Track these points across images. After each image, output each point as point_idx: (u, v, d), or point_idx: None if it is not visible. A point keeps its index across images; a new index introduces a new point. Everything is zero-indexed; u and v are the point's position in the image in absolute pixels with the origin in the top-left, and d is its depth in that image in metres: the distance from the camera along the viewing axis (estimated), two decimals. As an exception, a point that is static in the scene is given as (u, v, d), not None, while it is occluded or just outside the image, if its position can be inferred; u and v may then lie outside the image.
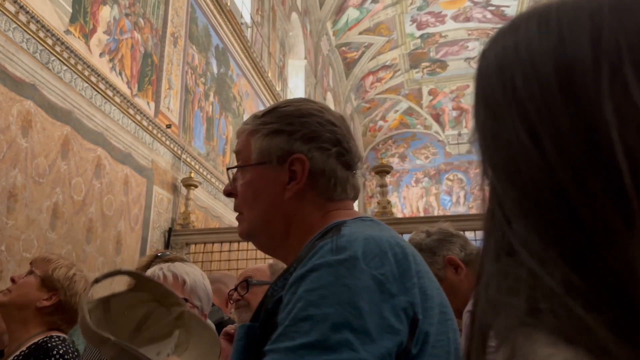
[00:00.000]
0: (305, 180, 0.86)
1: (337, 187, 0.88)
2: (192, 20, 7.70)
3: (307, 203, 0.87)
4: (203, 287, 1.57)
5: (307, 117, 0.88)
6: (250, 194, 0.90)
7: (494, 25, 17.46)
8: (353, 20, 16.10)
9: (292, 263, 0.78)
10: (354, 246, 0.71)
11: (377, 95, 20.87)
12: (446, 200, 21.53)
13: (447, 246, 1.74)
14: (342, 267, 0.68)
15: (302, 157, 0.86)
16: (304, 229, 0.86)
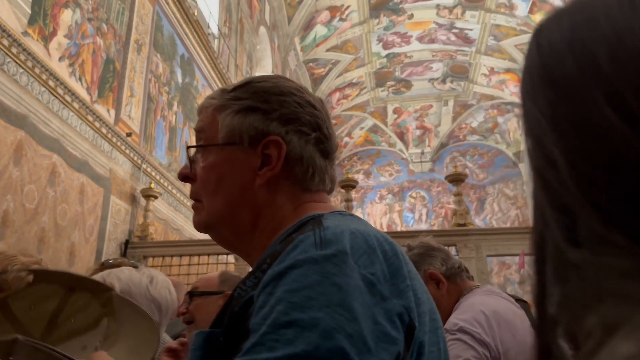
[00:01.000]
0: (280, 166, 0.75)
1: (314, 176, 0.78)
2: (157, 28, 7.58)
3: (280, 192, 0.76)
4: (145, 294, 1.39)
5: (286, 95, 0.78)
6: (213, 179, 0.77)
7: (457, 48, 17.99)
8: (321, 37, 16.28)
9: (265, 258, 0.66)
10: (342, 240, 0.61)
11: (343, 112, 21.07)
12: (409, 217, 21.79)
13: (429, 260, 1.69)
14: (329, 264, 0.58)
15: (278, 139, 0.75)
16: (275, 222, 0.76)
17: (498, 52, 17.51)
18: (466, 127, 21.87)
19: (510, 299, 1.64)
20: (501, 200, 21.43)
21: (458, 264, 1.69)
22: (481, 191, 21.56)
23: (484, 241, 4.60)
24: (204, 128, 0.80)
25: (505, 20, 15.91)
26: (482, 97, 20.38)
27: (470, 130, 21.96)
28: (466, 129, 21.94)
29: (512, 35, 16.51)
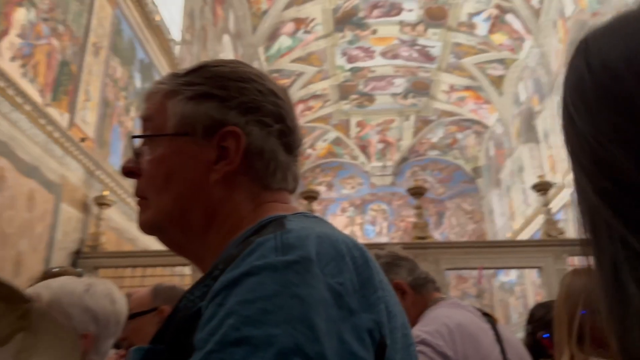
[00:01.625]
0: (238, 160, 0.68)
1: (276, 173, 0.70)
2: (116, 31, 7.39)
3: (237, 189, 0.68)
4: (78, 303, 1.28)
5: (246, 82, 0.70)
6: (162, 173, 0.69)
7: (419, 64, 18.39)
8: (285, 48, 16.30)
9: (217, 264, 0.58)
10: (306, 245, 0.54)
11: (307, 124, 21.11)
12: (370, 230, 21.94)
13: (395, 270, 1.64)
14: (290, 272, 0.51)
15: (237, 130, 0.68)
16: (231, 222, 0.67)
17: (458, 69, 18.00)
18: (427, 142, 22.31)
19: (476, 313, 1.63)
20: (459, 215, 21.90)
21: (425, 274, 1.67)
22: (440, 205, 21.97)
23: (443, 255, 4.64)
24: (152, 116, 0.72)
25: (466, 39, 16.40)
26: (443, 113, 20.86)
27: (430, 145, 22.41)
28: (427, 144, 22.38)
29: (472, 54, 17.02)
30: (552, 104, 14.30)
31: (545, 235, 4.76)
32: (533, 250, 4.75)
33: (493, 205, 20.51)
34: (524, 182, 17.01)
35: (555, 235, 4.66)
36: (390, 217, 22.02)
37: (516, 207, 17.78)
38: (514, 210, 18.02)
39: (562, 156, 13.77)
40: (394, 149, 22.52)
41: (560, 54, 13.59)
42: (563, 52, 13.37)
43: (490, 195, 20.81)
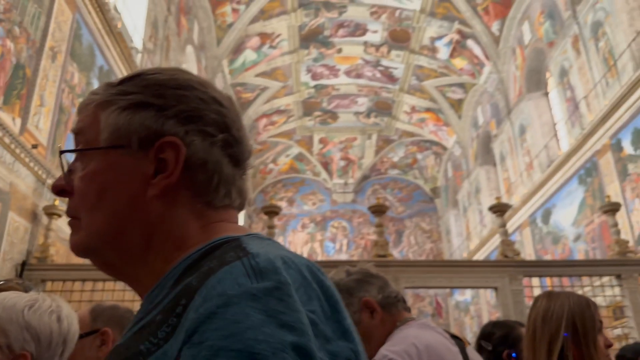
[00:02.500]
0: (178, 173, 0.62)
1: (220, 188, 0.64)
2: (76, 36, 7.17)
3: (178, 206, 0.62)
4: (18, 319, 1.18)
5: (186, 89, 0.65)
6: (94, 190, 0.63)
7: (382, 85, 18.74)
8: (250, 62, 16.28)
9: (178, 299, 0.54)
10: (279, 269, 0.51)
11: (270, 138, 21.05)
12: (330, 247, 21.95)
13: (365, 287, 1.60)
14: (272, 299, 0.48)
15: (176, 141, 0.62)
16: (173, 242, 0.62)
17: (420, 91, 18.45)
18: (388, 161, 22.65)
19: (445, 335, 1.61)
20: (417, 234, 22.24)
21: (395, 293, 1.64)
22: (399, 224, 22.26)
23: (402, 273, 4.66)
24: (84, 129, 0.66)
25: (428, 62, 16.85)
26: (404, 134, 21.27)
27: (391, 164, 22.76)
28: (387, 162, 22.72)
29: (433, 77, 17.50)
30: (508, 128, 14.84)
31: (501, 256, 4.86)
32: (489, 271, 4.84)
33: (450, 225, 20.96)
34: (480, 204, 17.48)
35: (512, 257, 4.77)
36: (351, 235, 22.12)
37: (472, 227, 18.24)
38: (470, 231, 18.47)
39: (518, 179, 14.26)
40: (356, 167, 22.74)
41: (518, 80, 14.17)
42: (520, 78, 13.95)
43: (447, 215, 21.27)
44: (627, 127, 9.23)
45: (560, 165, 11.52)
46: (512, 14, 13.49)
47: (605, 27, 9.84)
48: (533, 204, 13.18)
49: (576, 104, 11.06)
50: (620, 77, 9.35)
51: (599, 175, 10.22)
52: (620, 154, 9.49)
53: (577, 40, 10.86)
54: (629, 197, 9.20)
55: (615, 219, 5.25)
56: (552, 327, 1.51)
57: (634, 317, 4.63)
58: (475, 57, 15.51)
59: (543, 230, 12.83)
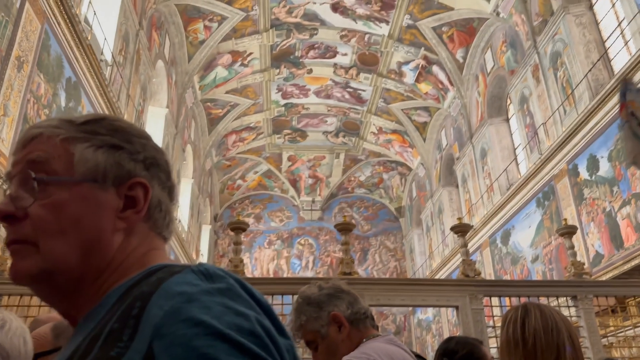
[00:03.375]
0: (146, 210, 0.70)
1: (170, 224, 0.75)
2: (43, 47, 7.07)
3: (135, 237, 0.70)
4: None
5: (146, 139, 0.74)
6: (62, 219, 0.66)
7: (350, 106, 19.05)
8: (221, 78, 16.30)
9: (114, 309, 0.59)
10: (226, 275, 0.58)
11: (239, 155, 20.98)
12: (296, 264, 21.87)
13: (335, 302, 1.64)
14: (226, 297, 0.55)
15: (145, 182, 0.70)
16: (124, 269, 0.67)
17: (387, 113, 18.85)
18: (355, 180, 22.90)
19: (410, 353, 1.67)
20: (382, 252, 22.45)
21: (364, 310, 1.68)
22: (365, 242, 22.43)
23: (367, 291, 4.73)
24: (49, 160, 0.68)
25: (395, 85, 17.27)
26: (371, 154, 21.60)
27: (358, 183, 23.01)
28: (355, 181, 22.97)
29: (399, 100, 17.92)
30: (470, 151, 15.30)
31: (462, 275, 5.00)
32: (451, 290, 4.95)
33: (414, 244, 21.26)
34: (443, 224, 17.85)
35: (472, 276, 4.91)
36: (317, 252, 22.13)
37: (435, 246, 18.56)
38: (432, 250, 18.79)
39: (479, 201, 14.66)
40: (324, 185, 22.88)
41: (480, 106, 14.68)
42: (482, 104, 14.46)
43: (411, 235, 21.58)
44: (583, 153, 9.67)
45: (520, 188, 11.92)
46: (476, 42, 14.05)
47: (564, 57, 10.37)
48: (493, 225, 13.55)
49: (535, 130, 11.53)
50: (577, 105, 9.83)
51: (556, 198, 10.63)
52: (576, 178, 9.92)
53: (537, 69, 11.38)
54: (585, 220, 9.60)
55: (571, 242, 5.48)
56: (556, 340, 1.53)
57: (589, 337, 4.81)
58: (440, 83, 16.01)
59: (503, 251, 13.19)
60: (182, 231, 14.82)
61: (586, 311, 4.89)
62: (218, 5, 13.62)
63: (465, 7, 13.28)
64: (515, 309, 1.66)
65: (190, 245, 16.49)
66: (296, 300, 1.67)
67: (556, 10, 10.49)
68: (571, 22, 10.16)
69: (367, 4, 14.34)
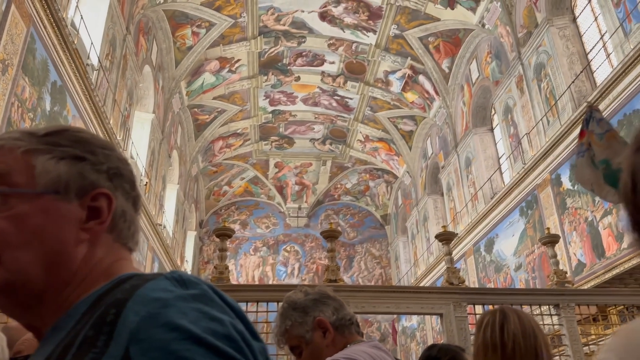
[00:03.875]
0: (109, 221, 0.70)
1: (135, 234, 0.74)
2: (29, 50, 7.00)
3: (100, 247, 0.69)
4: None
5: (109, 149, 0.73)
6: (24, 231, 0.65)
7: (337, 113, 19.14)
8: (208, 84, 16.27)
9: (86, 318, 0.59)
10: (200, 281, 0.59)
11: (225, 161, 20.91)
12: (281, 271, 21.79)
13: (320, 307, 1.65)
14: (200, 302, 0.56)
15: (108, 192, 0.70)
16: (90, 280, 0.67)
17: (373, 122, 18.97)
18: (341, 187, 22.95)
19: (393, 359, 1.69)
20: (367, 259, 22.49)
21: (350, 316, 1.69)
22: (350, 249, 22.45)
23: (352, 298, 4.74)
24: (9, 172, 0.68)
25: (381, 94, 17.41)
26: (357, 161, 21.69)
27: (344, 190, 23.07)
28: (341, 189, 23.02)
29: (386, 109, 18.06)
30: (455, 160, 15.46)
31: (446, 283, 5.04)
32: (435, 297, 4.99)
33: (399, 251, 21.34)
34: (428, 231, 17.96)
35: (457, 284, 4.95)
36: (303, 259, 22.09)
37: (420, 254, 18.66)
38: (418, 258, 18.88)
39: (463, 209, 14.80)
40: (310, 192, 22.89)
41: (465, 115, 14.86)
42: (467, 114, 14.64)
43: (397, 242, 21.66)
44: (566, 163, 9.83)
45: (503, 197, 12.06)
46: (462, 53, 14.24)
47: (548, 69, 10.56)
48: (477, 233, 13.68)
49: (519, 140, 11.70)
50: (561, 116, 10.01)
51: (539, 208, 10.78)
52: (559, 188, 10.07)
53: (521, 80, 11.57)
54: (567, 229, 9.74)
55: (554, 250, 5.56)
56: (534, 345, 1.58)
57: (571, 346, 4.86)
58: (426, 92, 16.17)
59: (486, 259, 13.31)
60: (166, 237, 14.69)
61: (568, 319, 4.96)
62: (206, 11, 13.63)
63: (452, 18, 13.46)
64: (492, 313, 1.69)
65: (175, 251, 16.35)
66: (281, 305, 1.68)
67: (540, 22, 10.69)
68: (555, 35, 10.36)
69: (354, 14, 14.46)
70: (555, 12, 10.49)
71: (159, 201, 14.26)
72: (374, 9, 14.14)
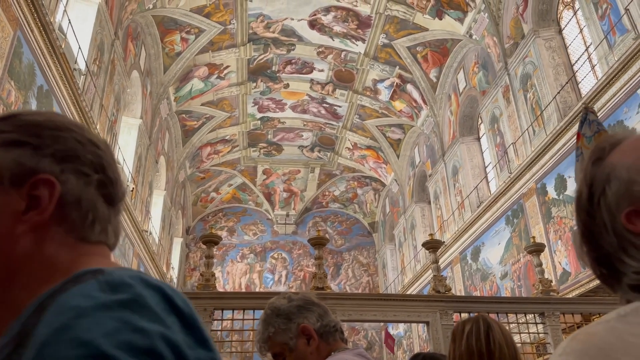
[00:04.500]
0: (51, 210, 0.62)
1: (95, 225, 0.65)
2: (15, 54, 6.94)
3: (49, 242, 0.62)
4: None
5: (63, 131, 0.66)
6: None
7: (326, 121, 19.19)
8: (197, 90, 16.22)
9: (28, 319, 0.54)
10: (135, 284, 0.52)
11: (213, 167, 20.82)
12: (268, 279, 21.68)
13: (305, 314, 1.61)
14: (126, 310, 0.48)
15: (50, 179, 0.62)
16: (42, 277, 0.61)
17: (362, 130, 19.05)
18: (329, 194, 22.97)
19: None
20: (355, 267, 22.48)
21: (334, 323, 1.66)
22: (338, 257, 22.43)
23: (340, 306, 4.74)
24: None
25: (370, 102, 17.50)
26: (345, 169, 21.74)
27: (332, 198, 23.08)
28: (329, 196, 23.03)
29: (374, 117, 18.16)
30: (442, 169, 15.58)
31: (433, 291, 5.06)
32: (422, 305, 5.01)
33: (387, 259, 21.38)
34: (415, 239, 18.02)
35: (443, 292, 4.98)
36: (290, 266, 22.01)
37: (407, 262, 18.71)
38: (405, 265, 18.93)
39: (450, 217, 14.89)
40: (298, 199, 22.87)
41: (452, 124, 15.00)
42: (454, 123, 14.78)
43: (384, 250, 21.70)
44: (551, 173, 9.96)
45: (490, 206, 12.16)
46: (449, 62, 14.39)
47: (534, 79, 10.71)
48: (464, 242, 13.76)
49: (505, 149, 11.83)
50: (546, 126, 10.14)
51: (525, 217, 10.88)
52: (545, 197, 10.19)
53: (507, 90, 11.72)
54: (553, 238, 9.85)
55: (539, 259, 5.62)
56: (515, 354, 1.63)
57: (554, 353, 4.91)
58: (414, 101, 16.30)
59: (473, 267, 13.38)
60: (152, 244, 14.56)
61: (553, 328, 5.01)
62: (196, 18, 13.62)
63: (439, 29, 13.61)
64: (475, 321, 1.72)
65: (161, 258, 16.20)
66: (264, 312, 1.64)
67: (527, 33, 10.86)
68: (541, 46, 10.53)
69: (344, 22, 14.56)
70: (541, 23, 10.67)
71: (146, 207, 14.14)
72: (363, 18, 14.25)
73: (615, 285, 0.66)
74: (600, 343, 0.55)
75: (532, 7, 10.68)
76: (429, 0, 13.02)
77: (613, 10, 8.31)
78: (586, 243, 0.68)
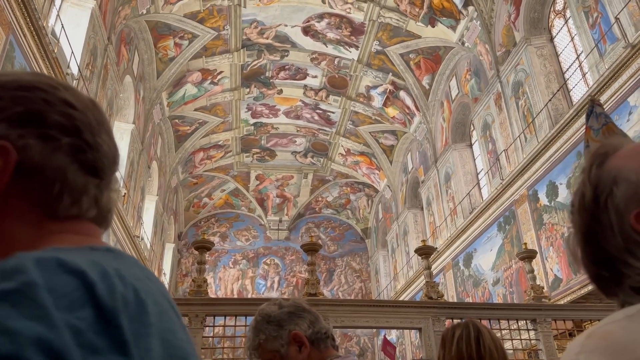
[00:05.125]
0: (6, 180, 0.54)
1: (63, 197, 0.57)
2: (7, 58, 6.90)
3: (9, 218, 0.55)
4: None
5: (28, 90, 0.58)
6: None
7: (319, 127, 19.22)
8: (190, 96, 16.20)
9: None
10: (30, 270, 0.44)
11: (206, 172, 20.77)
12: (261, 285, 21.60)
13: (296, 320, 1.59)
14: (5, 305, 0.41)
15: (4, 144, 0.54)
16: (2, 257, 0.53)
17: (355, 136, 19.10)
18: (322, 200, 22.97)
19: None
20: (348, 273, 22.45)
21: (325, 329, 1.65)
22: (331, 263, 22.40)
23: (332, 312, 4.73)
24: None
25: (363, 108, 17.56)
26: (338, 175, 21.76)
27: (325, 203, 23.08)
28: (322, 202, 23.03)
29: (367, 123, 18.22)
30: (434, 175, 15.64)
31: (425, 297, 5.07)
32: (414, 312, 5.01)
33: (379, 265, 21.38)
34: (407, 245, 18.05)
35: (435, 298, 4.99)
36: (283, 272, 21.96)
37: (400, 268, 18.72)
38: (397, 272, 18.94)
39: (442, 223, 14.93)
40: (291, 205, 22.85)
41: (444, 131, 15.08)
42: (447, 130, 14.86)
43: (377, 256, 21.71)
44: (543, 179, 10.02)
45: (482, 212, 12.21)
46: (442, 70, 14.48)
47: (525, 87, 10.80)
48: (456, 248, 13.79)
49: (497, 156, 11.90)
50: (538, 133, 10.22)
51: (517, 223, 10.93)
52: (536, 204, 10.24)
53: (499, 97, 11.80)
54: (544, 245, 9.89)
55: (531, 266, 5.65)
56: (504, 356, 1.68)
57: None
58: (407, 108, 16.37)
59: (465, 274, 13.41)
60: (144, 249, 14.47)
61: (545, 334, 5.03)
62: (189, 23, 13.63)
63: (432, 36, 13.71)
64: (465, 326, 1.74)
65: (153, 263, 16.10)
66: (255, 318, 1.62)
67: (519, 41, 10.96)
68: (533, 54, 10.62)
69: (337, 29, 14.62)
70: (533, 31, 10.77)
71: (137, 212, 14.06)
72: (357, 25, 14.32)
73: (614, 288, 0.67)
74: (620, 339, 0.57)
75: (523, 16, 10.79)
76: (421, 8, 13.12)
77: (604, 19, 8.41)
78: (586, 245, 0.70)
